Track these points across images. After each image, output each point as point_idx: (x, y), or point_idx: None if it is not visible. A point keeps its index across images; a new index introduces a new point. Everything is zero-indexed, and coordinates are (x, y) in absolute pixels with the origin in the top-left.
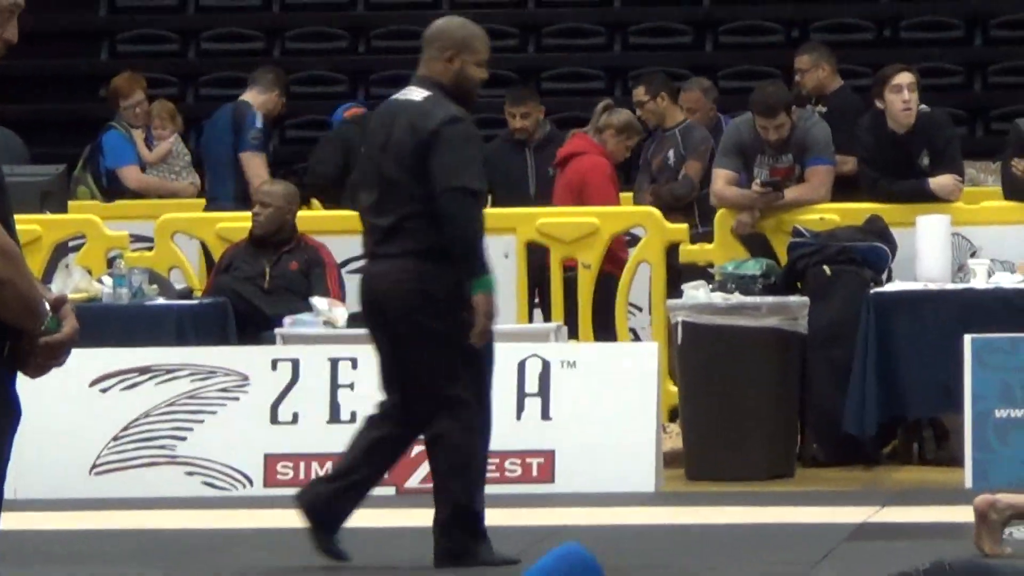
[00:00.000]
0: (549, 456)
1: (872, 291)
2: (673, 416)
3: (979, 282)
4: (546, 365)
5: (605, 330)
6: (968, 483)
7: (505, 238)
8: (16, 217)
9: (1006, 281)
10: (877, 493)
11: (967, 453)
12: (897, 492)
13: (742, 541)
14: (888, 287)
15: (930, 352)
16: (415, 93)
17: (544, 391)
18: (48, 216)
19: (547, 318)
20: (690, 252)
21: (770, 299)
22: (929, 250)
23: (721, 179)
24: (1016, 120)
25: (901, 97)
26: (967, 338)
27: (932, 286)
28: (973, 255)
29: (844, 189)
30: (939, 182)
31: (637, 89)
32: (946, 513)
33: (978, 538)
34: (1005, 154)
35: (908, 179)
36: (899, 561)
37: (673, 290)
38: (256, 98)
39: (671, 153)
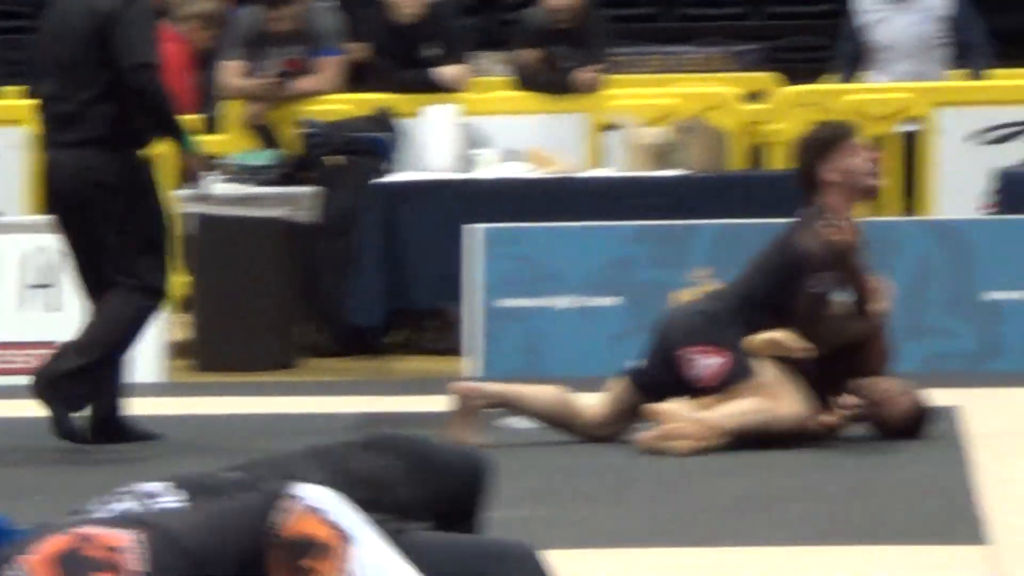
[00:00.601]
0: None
1: (377, 181)
2: (184, 307)
3: (486, 172)
4: (52, 257)
5: None
6: (471, 372)
7: (10, 130)
8: None
9: (513, 171)
10: (382, 383)
11: (470, 342)
12: (402, 381)
13: (250, 430)
14: (394, 177)
15: (436, 242)
16: None
17: (53, 282)
18: None
19: None
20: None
21: (280, 189)
22: (435, 140)
23: (230, 70)
24: (525, 10)
25: None
26: (471, 228)
27: (438, 176)
28: (481, 145)
29: (356, 78)
30: (446, 71)
31: None
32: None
33: (454, 426)
34: (515, 44)
35: (415, 68)
36: None
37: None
38: None
39: None
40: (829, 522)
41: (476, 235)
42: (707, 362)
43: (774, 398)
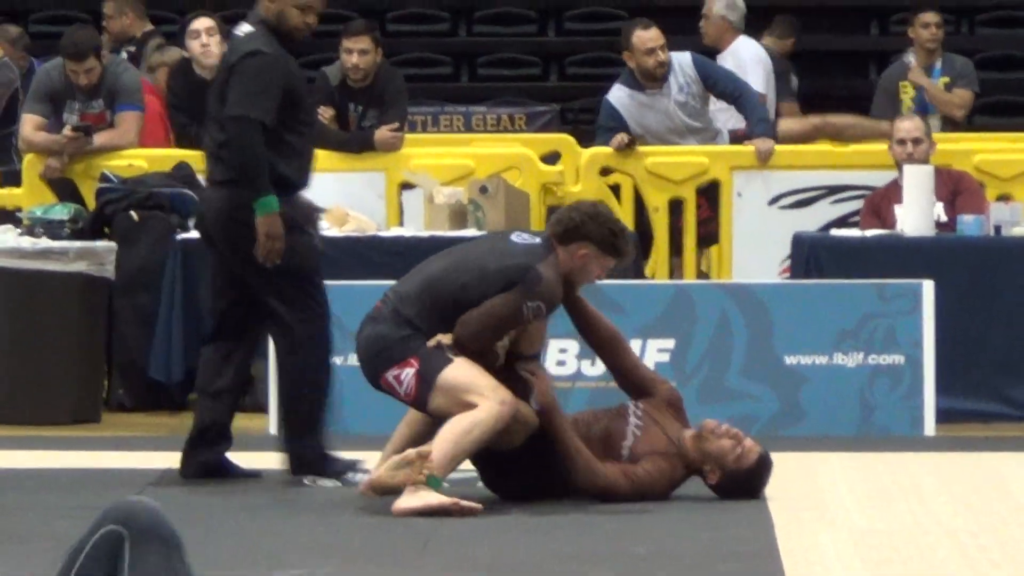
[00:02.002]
0: None
1: (179, 236)
2: None
3: None
4: None
5: None
6: (272, 429)
7: None
8: None
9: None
10: (183, 438)
11: (272, 399)
12: None
13: (49, 484)
14: (195, 233)
15: None
16: (242, 28)
17: None
18: None
19: None
20: None
21: (78, 244)
22: None
23: (29, 124)
24: (322, 68)
25: (199, 42)
26: None
27: None
28: None
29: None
30: None
31: None
32: (251, 459)
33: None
34: (312, 102)
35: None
36: (203, 506)
37: None
38: None
39: None
40: None
41: None
42: (404, 378)
43: (460, 403)
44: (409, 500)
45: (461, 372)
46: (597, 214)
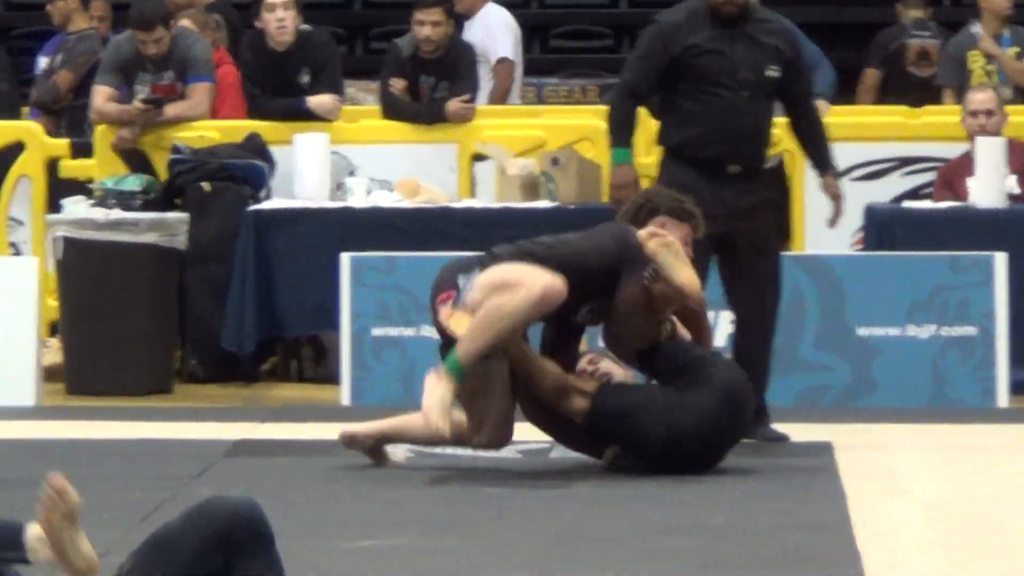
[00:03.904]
0: None
1: (250, 208)
2: (54, 331)
3: (357, 200)
4: None
5: None
6: (345, 400)
7: None
8: None
9: (384, 200)
10: (255, 410)
11: (344, 371)
12: (275, 409)
13: (122, 455)
14: (266, 204)
15: (308, 270)
16: None
17: None
18: None
19: None
20: (70, 167)
21: (149, 215)
22: (307, 168)
23: (101, 95)
24: (394, 40)
25: (275, 16)
26: (344, 256)
27: (310, 204)
28: (351, 174)
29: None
30: (318, 100)
31: None
32: (323, 430)
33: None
34: (384, 73)
35: (288, 97)
36: (276, 476)
37: (54, 205)
38: None
39: (58, 58)
40: (706, 555)
41: (350, 264)
42: (444, 309)
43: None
44: (427, 391)
45: (500, 272)
46: (658, 189)
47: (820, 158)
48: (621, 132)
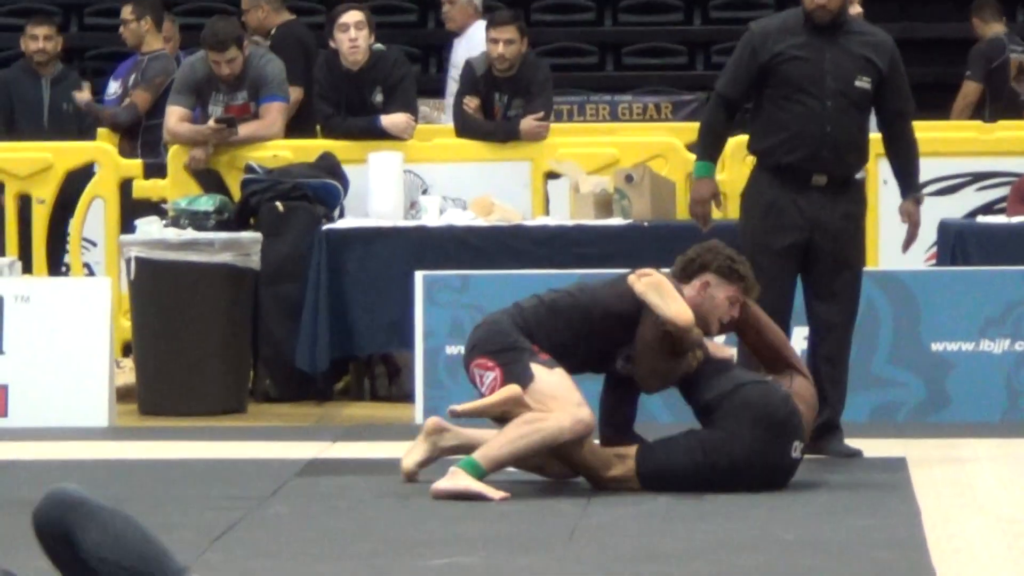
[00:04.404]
0: (2, 391)
1: (324, 227)
2: (127, 351)
3: (430, 219)
4: (0, 300)
5: (60, 265)
6: (419, 419)
7: None
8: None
9: (457, 219)
10: (329, 429)
11: (418, 389)
12: (349, 428)
13: (195, 475)
14: (340, 223)
15: (382, 289)
16: None
17: None
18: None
19: (0, 252)
20: (144, 187)
21: (223, 235)
22: (381, 187)
23: (174, 116)
24: (468, 58)
25: (348, 36)
26: (418, 275)
27: (384, 223)
28: (425, 192)
29: (294, 122)
30: (391, 119)
31: (125, 8)
32: (397, 448)
33: (410, 453)
34: (458, 92)
35: (361, 116)
36: (348, 496)
37: (127, 226)
38: None
39: (132, 79)
40: (779, 572)
41: (423, 282)
42: (486, 376)
43: (543, 410)
44: (447, 482)
45: (543, 384)
46: (712, 246)
47: (906, 180)
48: (705, 144)
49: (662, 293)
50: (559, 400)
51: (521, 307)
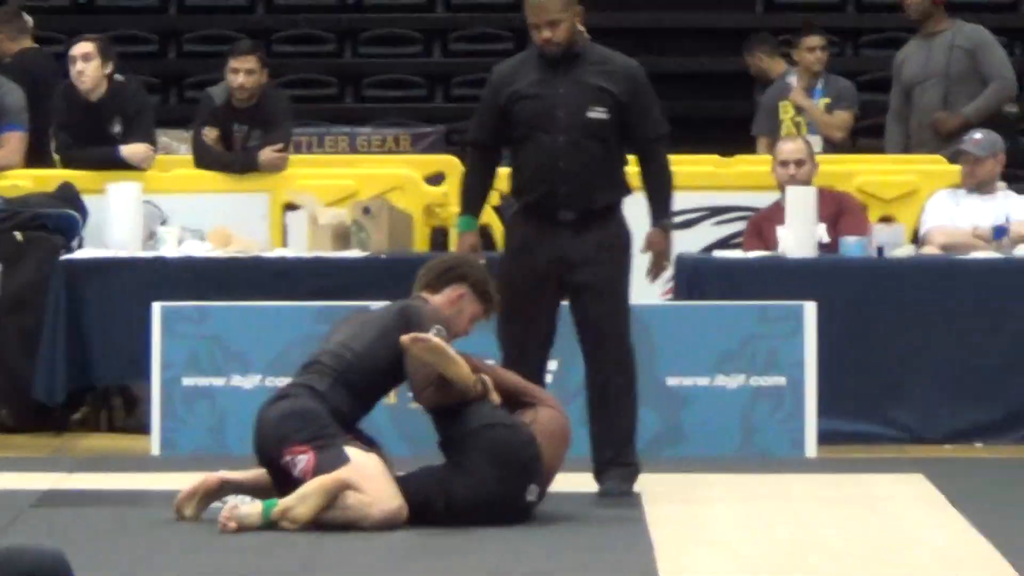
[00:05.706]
0: None
1: (62, 257)
2: None
3: (169, 250)
4: None
5: None
6: (155, 450)
7: None
8: None
9: (195, 250)
10: (65, 460)
11: (155, 421)
12: (85, 459)
13: None
14: (78, 254)
15: (119, 319)
16: None
17: None
18: None
19: None
20: None
21: None
22: (119, 217)
23: None
24: (207, 89)
25: (76, 68)
26: (155, 306)
27: (122, 253)
28: (164, 223)
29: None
30: (131, 150)
31: None
32: (133, 480)
33: (183, 502)
34: (196, 122)
35: (101, 146)
36: (84, 528)
37: None
38: None
39: None
40: None
41: (161, 313)
42: (300, 462)
43: (361, 491)
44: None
45: (360, 467)
46: (470, 259)
47: (654, 207)
48: (466, 199)
49: (443, 358)
50: (377, 482)
51: (323, 394)
